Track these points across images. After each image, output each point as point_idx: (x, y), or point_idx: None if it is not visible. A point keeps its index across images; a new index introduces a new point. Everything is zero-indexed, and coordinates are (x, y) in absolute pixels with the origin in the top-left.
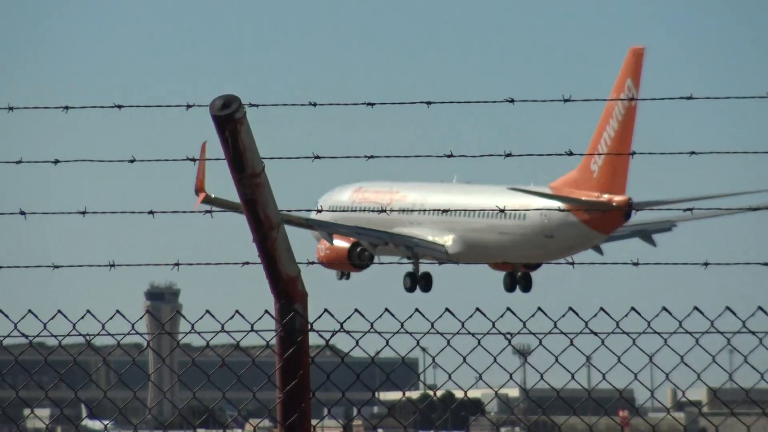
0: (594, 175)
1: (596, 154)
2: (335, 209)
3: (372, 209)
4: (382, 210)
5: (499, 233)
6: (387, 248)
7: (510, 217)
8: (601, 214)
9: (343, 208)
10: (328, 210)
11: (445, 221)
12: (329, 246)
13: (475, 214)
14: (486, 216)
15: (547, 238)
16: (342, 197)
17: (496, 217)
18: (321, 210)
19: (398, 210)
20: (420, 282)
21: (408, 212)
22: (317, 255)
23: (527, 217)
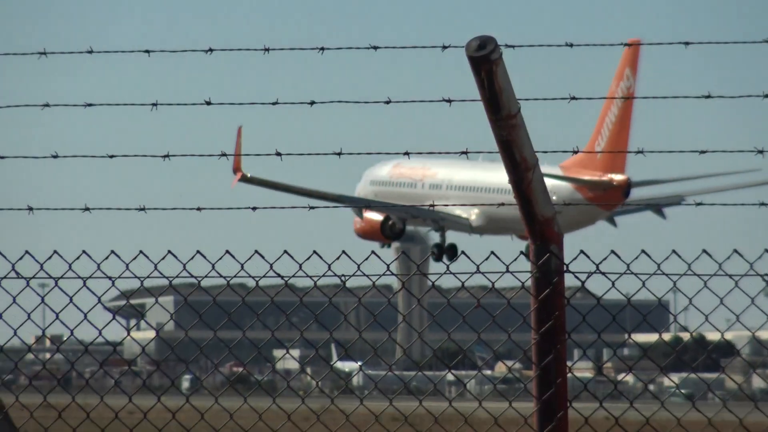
0: (598, 156)
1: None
2: (375, 183)
3: (407, 184)
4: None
5: (515, 208)
6: (417, 220)
7: None
8: (604, 192)
9: (382, 182)
10: (370, 184)
11: (470, 197)
12: (365, 219)
13: (494, 191)
14: (503, 192)
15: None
16: (382, 172)
17: (509, 195)
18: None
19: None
20: (447, 252)
21: (435, 187)
22: (354, 227)
23: None
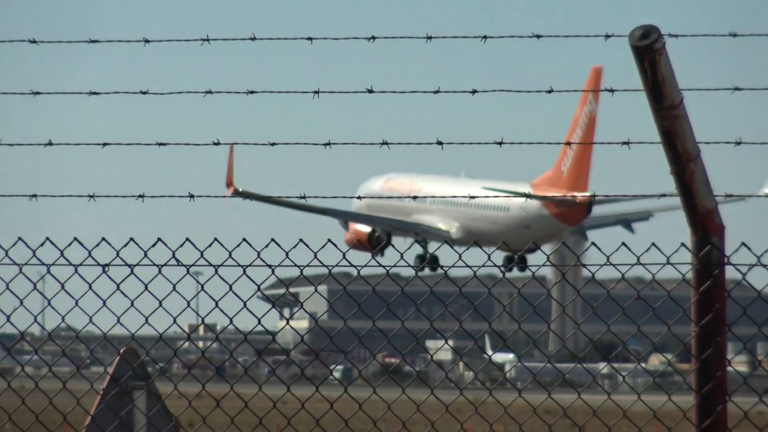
0: (564, 175)
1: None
2: (369, 195)
3: (394, 197)
4: (393, 197)
5: (489, 223)
6: (401, 231)
7: (498, 210)
8: (568, 209)
9: (374, 195)
10: (364, 196)
11: (451, 210)
12: (354, 230)
13: (472, 206)
14: (479, 208)
15: (525, 229)
16: (375, 186)
17: (487, 210)
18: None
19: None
20: (429, 263)
21: (421, 201)
22: (345, 238)
23: (510, 210)
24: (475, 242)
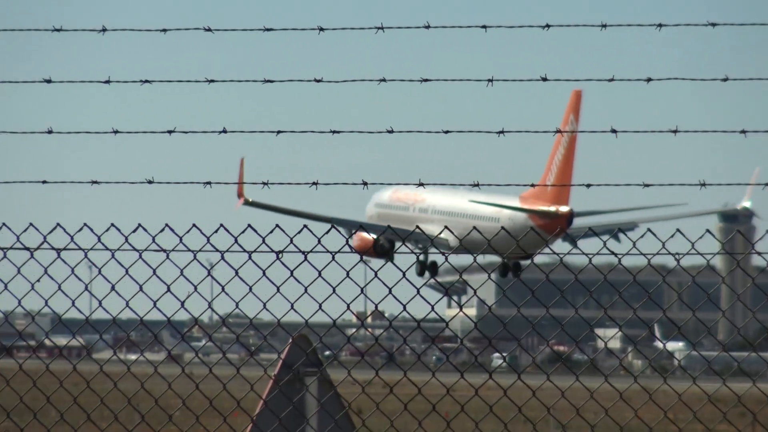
0: (548, 190)
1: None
2: (379, 205)
3: (401, 207)
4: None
5: (486, 233)
6: (408, 239)
7: (489, 220)
8: (551, 221)
9: (383, 205)
10: (375, 206)
11: (449, 221)
12: (361, 237)
13: (469, 216)
14: (472, 218)
15: (513, 238)
16: (384, 196)
17: (479, 220)
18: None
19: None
20: (428, 268)
21: (423, 211)
22: (352, 243)
23: (499, 221)
24: (467, 249)
